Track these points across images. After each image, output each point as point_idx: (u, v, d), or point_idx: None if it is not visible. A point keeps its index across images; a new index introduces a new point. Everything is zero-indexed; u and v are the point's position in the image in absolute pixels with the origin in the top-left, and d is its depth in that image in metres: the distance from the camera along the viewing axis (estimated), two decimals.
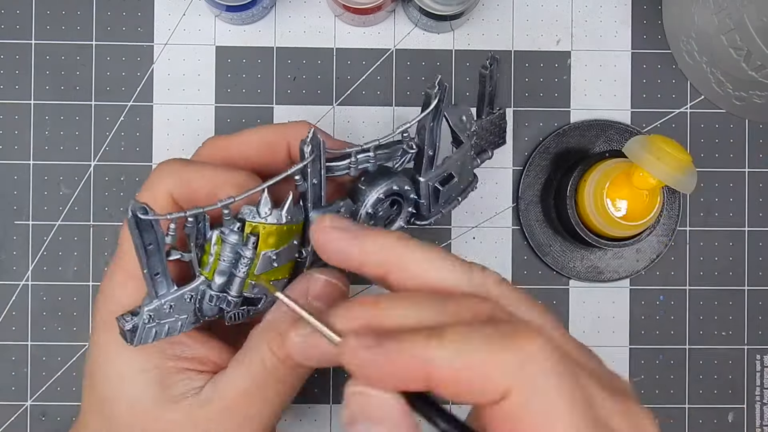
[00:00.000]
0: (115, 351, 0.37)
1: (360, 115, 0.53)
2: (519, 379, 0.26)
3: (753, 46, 0.47)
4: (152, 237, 0.33)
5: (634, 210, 0.47)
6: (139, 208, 0.31)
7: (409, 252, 0.31)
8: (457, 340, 0.27)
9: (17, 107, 0.52)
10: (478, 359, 0.26)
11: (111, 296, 0.38)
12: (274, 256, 0.36)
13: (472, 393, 0.27)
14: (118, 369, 0.37)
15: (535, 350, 0.26)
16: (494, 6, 0.53)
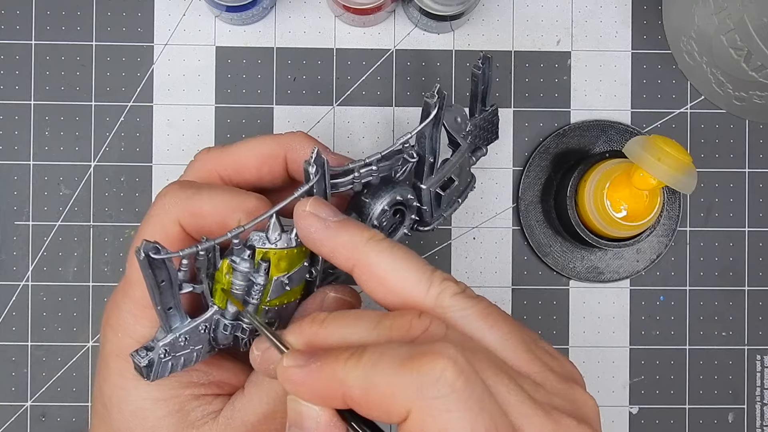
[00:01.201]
0: (130, 383, 0.36)
1: (360, 115, 0.53)
2: (417, 401, 0.27)
3: (753, 47, 0.47)
4: (164, 274, 0.32)
5: (635, 210, 0.47)
6: (151, 248, 0.31)
7: (375, 254, 0.32)
8: (371, 361, 0.28)
9: (17, 107, 0.52)
10: (383, 381, 0.27)
11: (122, 327, 0.37)
12: (286, 280, 0.35)
13: (380, 413, 0.28)
14: (134, 401, 0.36)
15: (437, 372, 0.27)
16: (494, 6, 0.53)
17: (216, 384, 0.37)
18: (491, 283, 0.53)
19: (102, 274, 0.52)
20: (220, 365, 0.38)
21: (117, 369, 0.37)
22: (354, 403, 0.28)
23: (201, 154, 0.40)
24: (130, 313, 0.36)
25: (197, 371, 0.37)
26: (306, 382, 0.29)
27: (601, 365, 0.53)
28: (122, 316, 0.37)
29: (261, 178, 0.39)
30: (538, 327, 0.53)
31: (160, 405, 0.36)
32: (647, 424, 0.53)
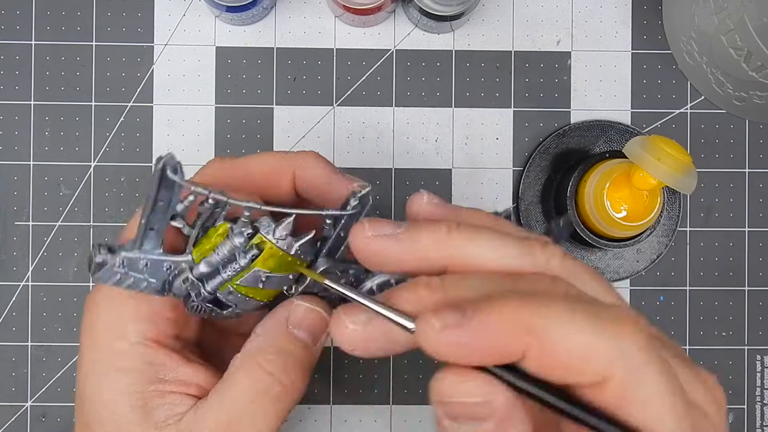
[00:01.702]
0: (100, 373, 0.36)
1: (360, 115, 0.53)
2: (620, 366, 0.25)
3: (753, 47, 0.47)
4: (166, 196, 0.32)
5: (635, 210, 0.47)
6: (172, 165, 0.30)
7: (466, 241, 0.28)
8: (562, 312, 0.25)
9: (17, 107, 0.52)
10: (581, 340, 0.25)
11: (97, 313, 0.37)
12: (263, 278, 0.35)
13: (568, 371, 0.25)
14: (103, 392, 0.36)
15: (634, 338, 0.26)
16: (494, 6, 0.53)
17: (183, 383, 0.37)
18: None
19: None
20: (188, 363, 0.37)
21: (89, 357, 0.37)
22: (538, 357, 0.25)
23: (212, 162, 0.40)
24: (106, 300, 0.36)
25: (164, 366, 0.36)
26: (474, 340, 0.25)
27: None
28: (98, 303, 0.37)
29: (267, 192, 0.39)
30: None
31: (125, 398, 0.36)
32: None
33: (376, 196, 0.53)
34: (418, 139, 0.53)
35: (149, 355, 0.36)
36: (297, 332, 0.36)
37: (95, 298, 0.37)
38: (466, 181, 0.53)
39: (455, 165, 0.53)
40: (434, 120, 0.53)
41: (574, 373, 0.25)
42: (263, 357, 0.35)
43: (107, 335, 0.36)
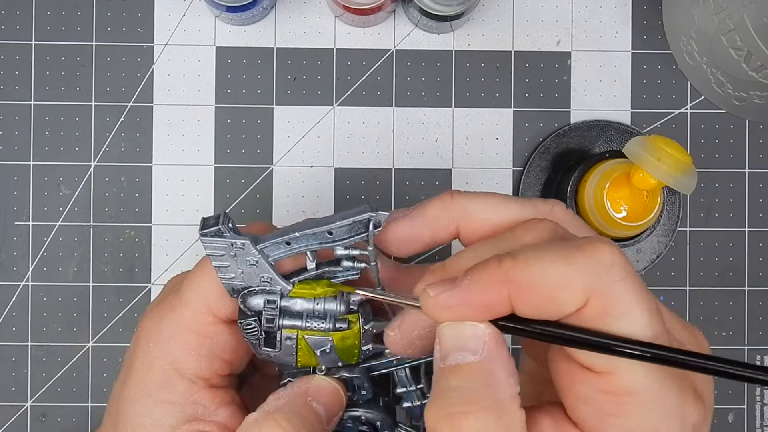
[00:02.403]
0: (142, 398, 0.36)
1: (360, 115, 0.53)
2: (598, 287, 0.27)
3: (753, 47, 0.47)
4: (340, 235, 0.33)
5: (635, 210, 0.46)
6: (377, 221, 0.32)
7: (469, 200, 0.32)
8: (530, 258, 0.27)
9: (17, 107, 0.52)
10: (555, 271, 0.27)
11: (155, 340, 0.37)
12: (327, 349, 0.36)
13: (551, 307, 0.27)
14: (138, 415, 0.36)
15: (608, 258, 0.27)
16: (494, 6, 0.53)
17: (217, 425, 0.37)
18: None
19: (102, 274, 0.52)
20: (228, 406, 0.37)
21: (137, 379, 0.37)
22: (522, 300, 0.27)
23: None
24: (170, 330, 0.36)
25: (204, 406, 0.37)
26: (464, 299, 0.28)
27: None
28: (161, 330, 0.36)
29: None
30: None
31: (156, 429, 0.36)
32: None
33: (376, 196, 0.53)
34: (418, 139, 0.53)
35: (195, 394, 0.36)
36: (315, 404, 0.36)
37: (159, 325, 0.37)
38: (466, 181, 0.53)
39: (455, 165, 0.53)
40: (434, 120, 0.53)
41: (559, 304, 0.27)
42: (281, 416, 0.35)
43: (162, 363, 0.36)
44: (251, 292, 0.35)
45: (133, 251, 0.52)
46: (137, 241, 0.52)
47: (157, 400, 0.36)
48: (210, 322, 0.36)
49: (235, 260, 0.34)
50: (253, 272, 0.34)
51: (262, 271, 0.34)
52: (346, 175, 0.53)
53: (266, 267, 0.34)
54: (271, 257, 0.34)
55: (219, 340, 0.37)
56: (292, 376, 0.38)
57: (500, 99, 0.53)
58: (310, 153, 0.53)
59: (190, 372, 0.36)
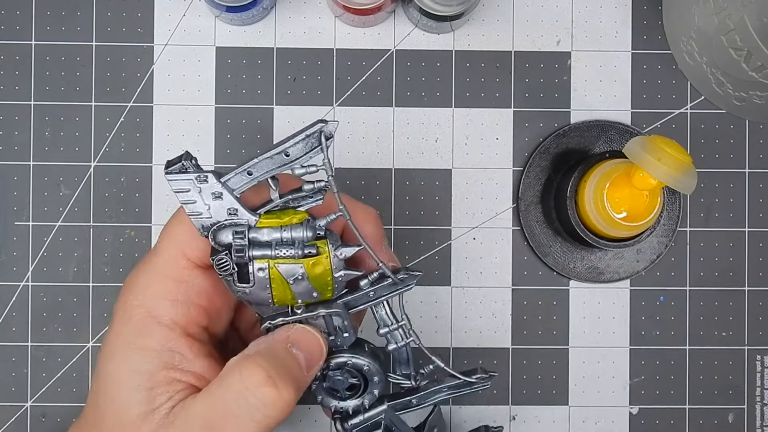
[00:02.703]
0: (121, 347, 0.37)
1: (360, 115, 0.53)
2: None
3: (753, 47, 0.47)
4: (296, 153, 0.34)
5: (635, 211, 0.46)
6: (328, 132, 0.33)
7: None
8: None
9: (17, 107, 0.52)
10: None
11: (134, 288, 0.38)
12: (299, 276, 0.36)
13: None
14: (116, 366, 0.37)
15: None
16: (494, 6, 0.53)
17: (194, 375, 0.37)
18: (491, 283, 0.53)
19: (102, 274, 0.52)
20: (205, 357, 0.38)
21: (116, 332, 0.38)
22: None
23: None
24: (146, 279, 0.37)
25: (181, 354, 0.37)
26: None
27: (601, 365, 0.53)
28: (138, 280, 0.38)
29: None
30: (538, 327, 0.53)
31: (134, 376, 0.37)
32: (647, 424, 0.53)
33: (376, 196, 0.53)
34: (418, 139, 0.53)
35: (172, 341, 0.37)
36: (294, 351, 0.37)
37: (135, 278, 0.38)
38: (466, 181, 0.53)
39: (455, 165, 0.53)
40: (434, 120, 0.53)
41: None
42: (261, 358, 0.36)
43: (139, 311, 0.37)
44: (220, 226, 0.36)
45: (133, 251, 0.52)
46: (137, 241, 0.52)
47: (135, 348, 0.37)
48: (183, 266, 0.37)
49: (201, 195, 0.35)
50: (219, 206, 0.35)
51: (227, 204, 0.35)
52: (346, 175, 0.53)
53: (231, 198, 0.35)
54: (236, 189, 0.35)
55: (194, 284, 0.37)
56: (271, 319, 0.38)
57: (500, 99, 0.53)
58: None
59: (167, 318, 0.37)
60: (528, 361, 0.53)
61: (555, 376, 0.53)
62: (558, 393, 0.53)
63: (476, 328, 0.53)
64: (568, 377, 0.53)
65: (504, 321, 0.53)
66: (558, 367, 0.53)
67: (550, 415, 0.53)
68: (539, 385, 0.53)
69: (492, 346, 0.53)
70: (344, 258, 0.36)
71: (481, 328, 0.53)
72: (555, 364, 0.53)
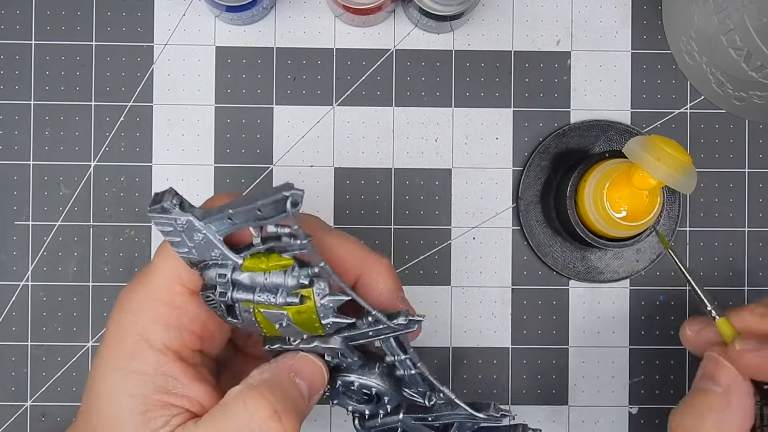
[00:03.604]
0: (114, 368, 0.37)
1: (360, 115, 0.53)
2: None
3: (753, 47, 0.47)
4: (269, 213, 0.32)
5: (634, 210, 0.46)
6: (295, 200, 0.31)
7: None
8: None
9: (17, 107, 0.52)
10: None
11: (127, 310, 0.37)
12: (285, 323, 0.36)
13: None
14: (110, 387, 0.37)
15: None
16: (494, 6, 0.53)
17: (187, 399, 0.37)
18: (491, 283, 0.53)
19: (102, 274, 0.52)
20: (199, 381, 0.37)
21: (108, 351, 0.37)
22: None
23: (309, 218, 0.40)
24: (139, 300, 0.37)
25: (175, 379, 0.37)
26: (762, 366, 0.37)
27: (601, 365, 0.53)
28: (132, 299, 0.37)
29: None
30: (537, 327, 0.53)
31: (127, 398, 0.36)
32: (647, 424, 0.53)
33: (376, 196, 0.53)
34: (418, 139, 0.53)
35: (165, 365, 0.36)
36: (298, 380, 0.37)
37: (129, 296, 0.37)
38: (465, 181, 0.53)
39: (455, 165, 0.53)
40: (434, 120, 0.53)
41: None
42: (266, 388, 0.35)
43: (132, 333, 0.37)
44: (206, 265, 0.35)
45: (133, 251, 0.52)
46: (137, 241, 0.52)
47: (127, 371, 0.36)
48: (178, 291, 0.37)
49: (184, 236, 0.34)
50: (203, 246, 0.34)
51: (211, 246, 0.34)
52: (345, 175, 0.53)
53: (213, 242, 0.34)
54: (219, 231, 0.34)
55: (187, 310, 0.37)
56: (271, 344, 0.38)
57: (500, 99, 0.53)
58: (310, 153, 0.53)
59: (159, 342, 0.36)
60: (528, 360, 0.53)
61: (554, 376, 0.53)
62: (558, 393, 0.53)
63: (476, 327, 0.53)
64: (568, 377, 0.53)
65: (504, 321, 0.53)
66: (557, 366, 0.53)
67: (549, 414, 0.53)
68: (539, 385, 0.53)
69: (491, 346, 0.53)
70: (333, 307, 0.35)
71: (481, 328, 0.53)
72: (554, 364, 0.53)
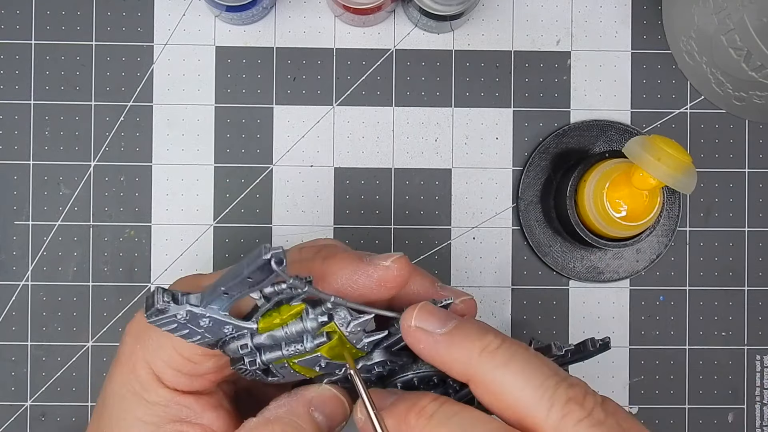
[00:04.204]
0: (126, 395, 0.36)
1: (360, 115, 0.53)
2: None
3: (753, 47, 0.47)
4: (259, 277, 0.31)
5: (634, 210, 0.46)
6: (278, 258, 0.30)
7: (489, 369, 0.30)
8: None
9: (17, 107, 0.52)
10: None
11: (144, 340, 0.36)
12: (323, 364, 0.35)
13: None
14: (122, 412, 0.36)
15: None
16: (494, 6, 0.53)
17: (202, 428, 0.36)
18: (491, 283, 0.53)
19: (102, 274, 0.52)
20: (214, 410, 0.37)
21: (121, 375, 0.37)
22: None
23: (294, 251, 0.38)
24: (158, 341, 0.36)
25: (189, 408, 0.36)
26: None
27: (601, 365, 0.53)
28: (150, 336, 0.36)
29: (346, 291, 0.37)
30: (537, 327, 0.53)
31: (139, 426, 0.36)
32: (647, 424, 0.53)
33: (376, 196, 0.53)
34: (418, 139, 0.53)
35: (177, 397, 0.36)
36: (316, 415, 0.36)
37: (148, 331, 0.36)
38: (465, 181, 0.53)
39: (455, 165, 0.53)
40: (434, 120, 0.53)
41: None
42: (279, 426, 0.35)
43: (145, 366, 0.36)
44: (224, 342, 0.35)
45: (133, 251, 0.52)
46: (137, 240, 0.52)
47: (140, 399, 0.36)
48: (199, 353, 0.36)
49: (190, 326, 0.33)
50: (214, 328, 0.34)
51: (220, 325, 0.34)
52: (345, 175, 0.53)
53: (221, 321, 0.33)
54: (221, 309, 0.33)
55: (204, 366, 0.36)
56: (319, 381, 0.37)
57: (500, 99, 0.53)
58: (310, 153, 0.53)
59: (170, 383, 0.36)
60: None
61: None
62: None
63: None
64: None
65: (504, 321, 0.53)
66: None
67: None
68: None
69: None
70: (360, 330, 0.34)
71: None
72: None
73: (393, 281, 0.35)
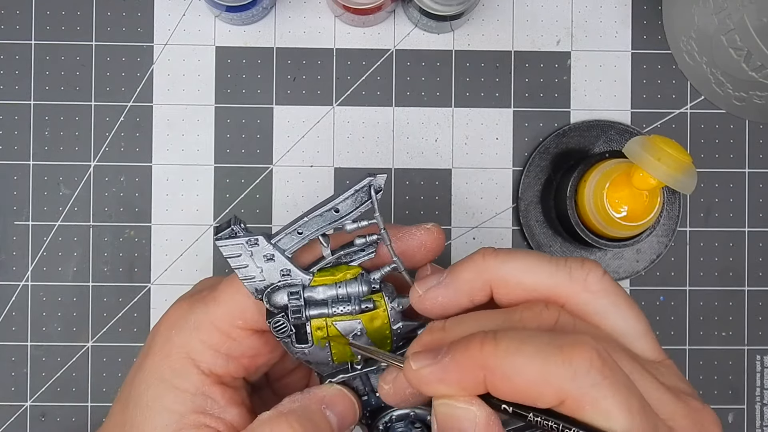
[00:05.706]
0: (156, 381, 0.37)
1: (360, 115, 0.53)
2: (574, 390, 0.28)
3: (753, 47, 0.47)
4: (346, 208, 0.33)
5: (634, 210, 0.46)
6: (377, 185, 0.33)
7: (501, 262, 0.32)
8: (511, 348, 0.28)
9: (17, 107, 0.52)
10: (531, 369, 0.28)
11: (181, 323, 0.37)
12: (358, 332, 0.36)
13: (525, 398, 0.28)
14: (149, 399, 0.37)
15: (587, 362, 0.28)
16: (494, 6, 0.53)
17: (224, 423, 0.37)
18: None
19: (102, 274, 0.52)
20: (238, 405, 0.37)
21: (152, 364, 0.37)
22: (496, 388, 0.29)
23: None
24: (196, 321, 0.37)
25: (213, 400, 0.37)
26: (444, 377, 0.29)
27: None
28: (188, 318, 0.37)
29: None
30: None
31: (164, 414, 0.36)
32: None
33: None
34: (418, 139, 0.53)
35: (207, 386, 0.37)
36: (328, 413, 0.37)
37: (186, 314, 0.37)
38: (465, 181, 0.53)
39: (455, 165, 0.53)
40: (434, 120, 0.53)
41: (533, 398, 0.28)
42: (293, 417, 0.35)
43: (180, 351, 0.37)
44: (274, 288, 0.36)
45: (133, 251, 0.52)
46: (137, 240, 0.52)
47: (170, 386, 0.36)
48: (238, 325, 0.37)
49: (252, 259, 0.35)
50: (272, 268, 0.35)
51: (280, 265, 0.35)
52: (345, 175, 0.53)
53: (283, 259, 0.35)
54: (287, 250, 0.35)
55: (241, 343, 0.37)
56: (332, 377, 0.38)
57: (500, 99, 0.53)
58: (310, 153, 0.53)
59: (205, 366, 0.37)
60: None
61: None
62: None
63: None
64: None
65: None
66: None
67: None
68: None
69: None
70: (401, 309, 0.35)
71: None
72: None
73: (432, 242, 0.37)
